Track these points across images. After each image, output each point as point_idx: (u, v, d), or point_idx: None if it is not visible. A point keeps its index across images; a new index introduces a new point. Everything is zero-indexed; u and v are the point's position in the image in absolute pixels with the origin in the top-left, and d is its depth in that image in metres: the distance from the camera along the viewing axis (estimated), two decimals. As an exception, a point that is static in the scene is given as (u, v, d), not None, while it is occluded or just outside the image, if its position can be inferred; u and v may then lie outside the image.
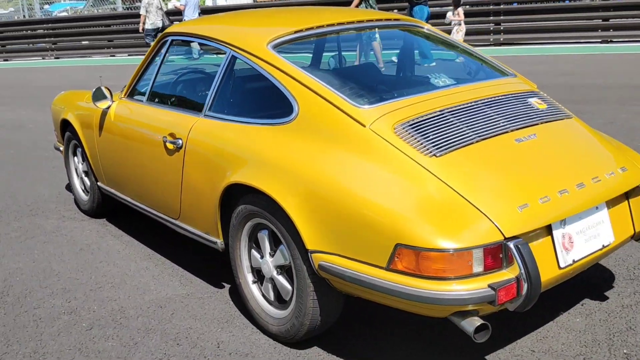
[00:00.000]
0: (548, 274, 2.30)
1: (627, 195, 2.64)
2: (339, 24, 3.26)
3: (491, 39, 14.04)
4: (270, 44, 2.95)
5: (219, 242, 3.01)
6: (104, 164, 4.08)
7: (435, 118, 2.57)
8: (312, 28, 3.12)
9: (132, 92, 3.84)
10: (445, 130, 2.52)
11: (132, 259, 3.81)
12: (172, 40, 3.60)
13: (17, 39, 20.83)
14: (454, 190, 2.27)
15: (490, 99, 2.77)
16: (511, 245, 2.14)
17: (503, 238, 2.16)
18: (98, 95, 3.82)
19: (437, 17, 12.88)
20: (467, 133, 2.52)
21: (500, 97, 2.81)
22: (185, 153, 3.13)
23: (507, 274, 2.15)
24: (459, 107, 2.67)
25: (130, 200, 3.85)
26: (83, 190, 4.63)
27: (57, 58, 19.47)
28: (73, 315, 3.16)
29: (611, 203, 2.56)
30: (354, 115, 2.54)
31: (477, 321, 2.15)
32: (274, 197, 2.52)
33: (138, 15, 14.55)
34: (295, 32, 3.08)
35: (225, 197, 2.84)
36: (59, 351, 2.84)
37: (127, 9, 21.84)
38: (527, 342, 2.68)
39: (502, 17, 14.13)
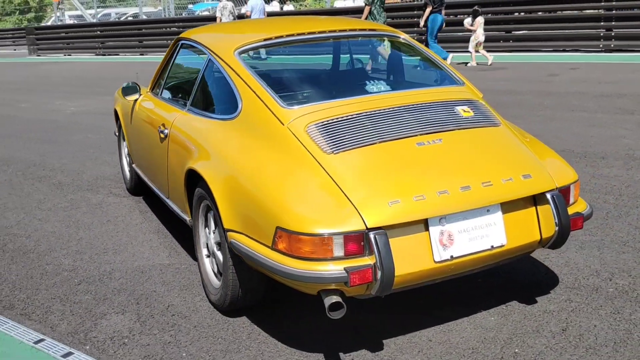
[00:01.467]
0: (421, 265, 2.51)
1: (535, 202, 2.75)
2: (309, 33, 3.58)
3: (601, 45, 13.43)
4: (237, 50, 3.34)
5: (188, 219, 3.45)
6: (132, 149, 4.70)
7: (347, 120, 2.86)
8: (281, 36, 3.47)
9: (153, 87, 4.41)
10: (351, 131, 2.80)
11: (143, 232, 4.35)
12: (182, 44, 4.11)
13: (154, 35, 22.60)
14: (335, 183, 2.55)
15: (414, 105, 3.01)
16: (371, 235, 2.38)
17: (365, 228, 2.40)
18: (128, 91, 4.43)
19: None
20: (372, 135, 2.78)
21: (425, 104, 3.03)
22: (169, 141, 3.61)
23: (365, 260, 2.40)
24: (377, 112, 2.93)
25: (146, 181, 4.42)
26: (129, 171, 5.28)
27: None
28: (71, 273, 3.74)
29: (509, 207, 2.68)
30: (277, 114, 2.90)
31: (334, 299, 2.41)
32: (207, 182, 2.92)
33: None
34: (265, 39, 3.46)
35: (191, 180, 3.27)
36: (45, 298, 3.42)
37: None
38: (430, 333, 2.87)
39: (613, 23, 13.48)
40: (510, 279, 3.38)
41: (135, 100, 4.47)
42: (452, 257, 2.56)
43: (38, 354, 2.84)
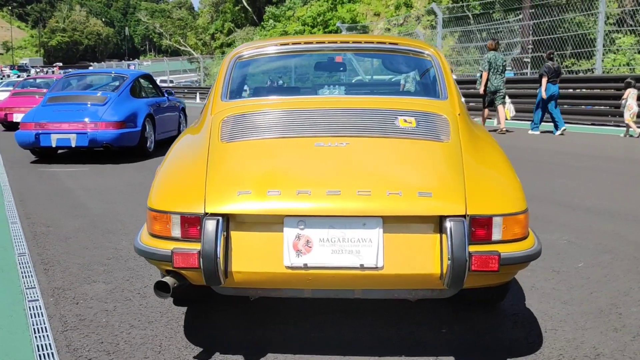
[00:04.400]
0: (269, 267, 2.34)
1: (441, 228, 2.32)
2: (318, 42, 3.60)
3: None
4: (235, 57, 3.45)
5: None
6: None
7: (261, 115, 2.90)
8: (286, 44, 3.55)
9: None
10: (257, 125, 2.81)
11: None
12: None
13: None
14: (207, 167, 2.53)
15: (348, 109, 2.90)
16: (204, 220, 2.30)
17: (203, 212, 2.32)
18: None
19: None
20: (274, 130, 2.75)
21: (361, 109, 2.91)
22: None
23: (196, 245, 2.31)
24: (298, 111, 2.91)
25: None
26: None
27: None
28: (114, 243, 4.22)
29: (395, 227, 2.32)
30: (213, 106, 3.07)
31: (165, 280, 2.37)
32: None
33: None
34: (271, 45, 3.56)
35: None
36: (70, 253, 3.94)
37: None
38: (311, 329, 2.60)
39: None
40: (477, 332, 2.86)
41: None
42: (305, 265, 2.31)
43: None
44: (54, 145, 8.85)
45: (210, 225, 2.28)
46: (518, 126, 14.32)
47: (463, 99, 3.30)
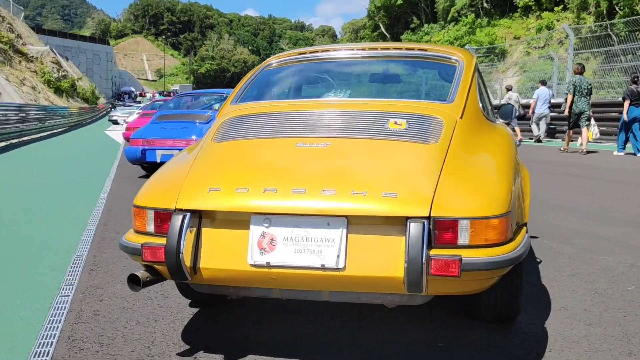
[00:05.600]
0: (234, 265, 2.34)
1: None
2: (347, 49, 3.58)
3: None
4: (265, 65, 3.61)
5: None
6: None
7: (257, 117, 2.94)
8: (316, 52, 3.58)
9: None
10: (248, 126, 2.87)
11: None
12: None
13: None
14: (191, 166, 2.60)
15: (342, 111, 2.89)
16: (172, 215, 2.36)
17: (174, 208, 2.38)
18: None
19: None
20: (262, 131, 2.79)
21: (355, 112, 2.89)
22: None
23: (164, 240, 2.37)
24: (292, 113, 2.93)
25: None
26: None
27: None
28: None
29: (360, 228, 2.25)
30: (222, 109, 3.20)
31: (137, 274, 2.44)
32: None
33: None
34: (299, 54, 3.63)
35: None
36: (120, 257, 4.14)
37: None
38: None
39: None
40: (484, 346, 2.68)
41: None
42: (268, 264, 2.30)
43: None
44: (158, 161, 9.37)
45: (176, 220, 2.34)
46: (604, 148, 14.37)
47: (482, 104, 3.15)
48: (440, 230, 2.19)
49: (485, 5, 39.21)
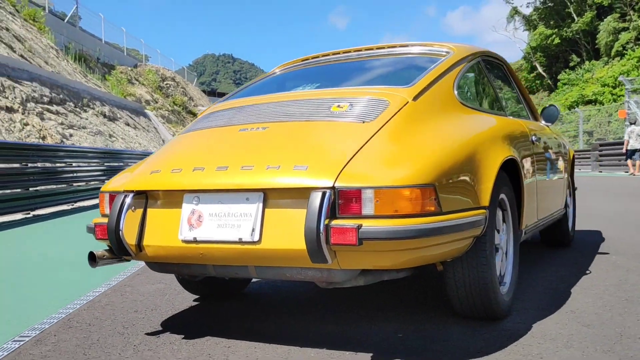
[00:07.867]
0: (168, 241, 2.48)
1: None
2: (345, 52, 3.67)
3: None
4: (276, 70, 3.77)
5: None
6: None
7: (219, 112, 3.14)
8: (317, 57, 3.71)
9: None
10: (212, 118, 3.07)
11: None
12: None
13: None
14: (155, 155, 2.86)
15: (292, 101, 2.93)
16: (116, 196, 2.57)
17: (122, 190, 2.59)
18: None
19: None
20: (216, 121, 2.97)
21: (302, 100, 2.92)
22: None
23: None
24: (248, 106, 3.04)
25: None
26: None
27: None
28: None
29: (277, 202, 2.29)
30: (210, 107, 3.42)
31: (95, 252, 2.62)
32: None
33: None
34: (302, 60, 3.77)
35: None
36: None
37: None
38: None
39: None
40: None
41: None
42: (195, 239, 2.39)
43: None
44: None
45: (117, 200, 2.53)
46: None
47: (470, 93, 3.05)
48: (344, 200, 2.16)
49: (653, 37, 36.44)
